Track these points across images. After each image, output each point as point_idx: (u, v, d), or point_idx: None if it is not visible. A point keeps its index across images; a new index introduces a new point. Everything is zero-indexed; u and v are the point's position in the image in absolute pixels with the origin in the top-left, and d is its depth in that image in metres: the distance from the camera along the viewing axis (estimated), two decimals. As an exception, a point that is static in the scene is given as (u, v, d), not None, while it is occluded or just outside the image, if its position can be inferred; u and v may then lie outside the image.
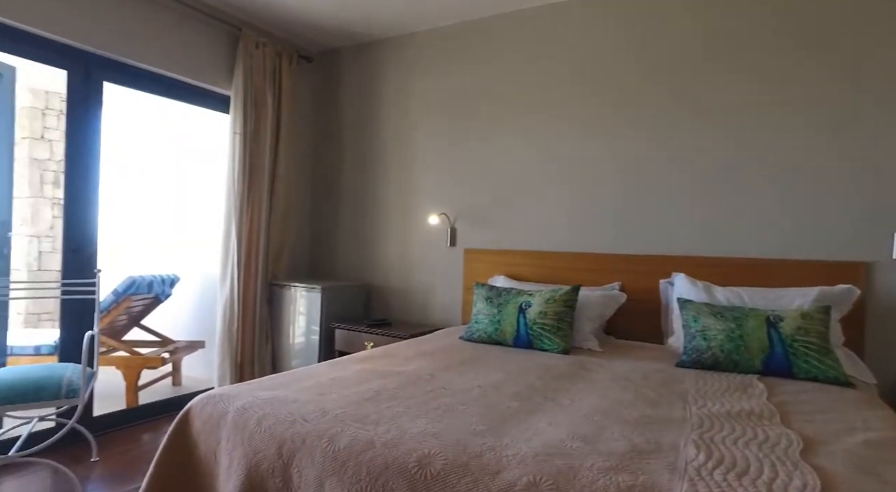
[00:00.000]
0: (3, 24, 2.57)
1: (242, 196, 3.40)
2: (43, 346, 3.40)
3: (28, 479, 2.53)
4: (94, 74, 2.95)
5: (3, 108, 3.04)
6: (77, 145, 2.90)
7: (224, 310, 3.38)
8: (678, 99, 2.84)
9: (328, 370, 2.02)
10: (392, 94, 3.77)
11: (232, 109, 3.41)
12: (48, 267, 4.76)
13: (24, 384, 2.20)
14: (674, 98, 2.85)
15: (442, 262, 3.54)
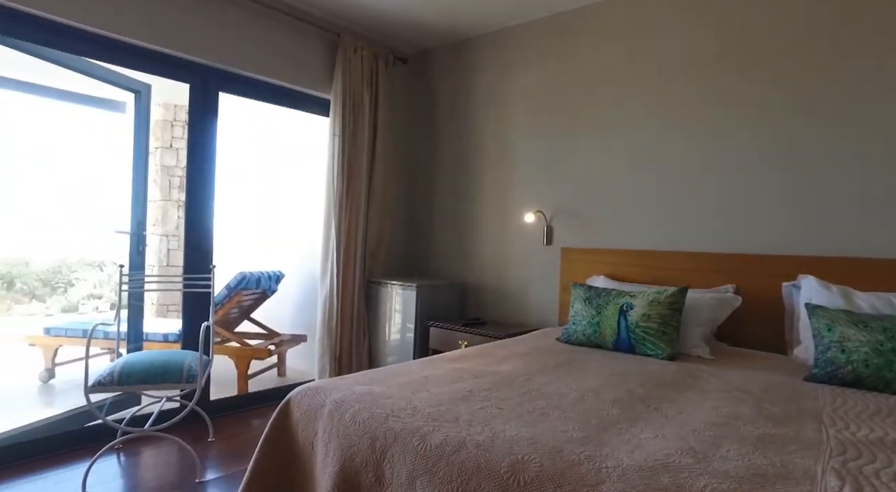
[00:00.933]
0: (138, 46, 2.85)
1: (341, 196, 3.52)
2: (170, 334, 3.75)
3: (159, 451, 2.80)
4: (211, 86, 3.19)
5: (141, 121, 3.38)
6: (197, 152, 3.16)
7: (324, 306, 3.52)
8: (787, 91, 2.54)
9: (422, 368, 2.01)
10: (487, 91, 3.74)
11: (331, 112, 3.55)
12: (175, 263, 5.25)
13: (154, 367, 2.42)
14: (780, 90, 2.55)
15: (538, 261, 3.45)
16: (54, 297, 8.79)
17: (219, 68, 3.17)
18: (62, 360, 4.10)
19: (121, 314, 2.84)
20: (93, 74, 3.05)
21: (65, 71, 2.97)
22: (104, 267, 9.99)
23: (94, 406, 2.36)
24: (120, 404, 3.14)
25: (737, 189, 2.71)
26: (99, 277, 9.36)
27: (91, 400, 2.33)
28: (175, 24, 2.93)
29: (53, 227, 7.94)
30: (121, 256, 3.25)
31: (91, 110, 5.29)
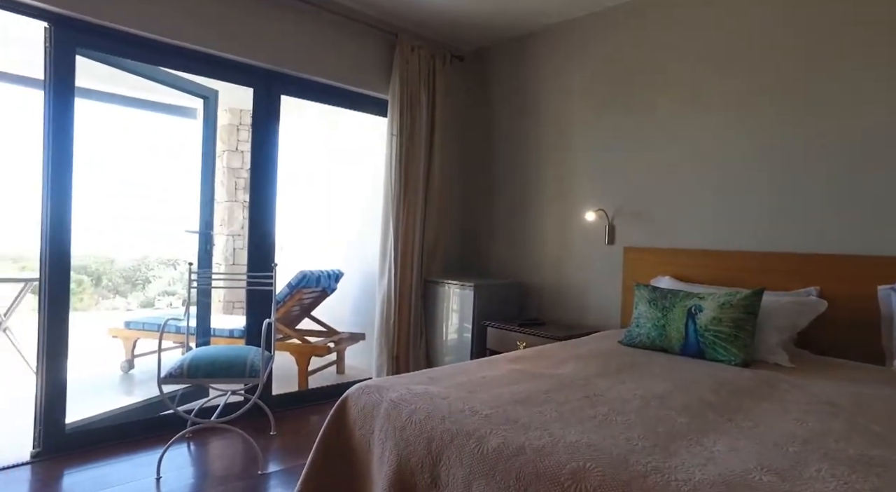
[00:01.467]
0: (207, 53, 2.97)
1: (399, 195, 3.54)
2: (235, 330, 3.89)
3: (224, 442, 2.91)
4: (273, 89, 3.28)
5: (208, 126, 3.53)
6: (260, 154, 3.26)
7: (382, 305, 3.55)
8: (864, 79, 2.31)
9: (479, 368, 1.98)
10: (546, 87, 3.65)
11: (389, 112, 3.57)
12: (241, 262, 5.46)
13: (219, 362, 2.51)
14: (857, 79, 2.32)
15: (599, 260, 3.33)
16: (134, 293, 9.39)
17: (280, 72, 3.26)
18: (140, 352, 4.35)
19: (190, 310, 2.96)
20: (166, 82, 3.20)
21: (141, 81, 3.14)
22: (177, 265, 10.57)
23: (166, 396, 2.47)
24: (190, 396, 3.28)
25: (818, 184, 2.51)
26: (172, 275, 9.91)
27: (163, 391, 2.44)
28: (240, 31, 3.03)
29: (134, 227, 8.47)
30: (192, 255, 3.40)
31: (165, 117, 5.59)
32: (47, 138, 2.59)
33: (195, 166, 3.46)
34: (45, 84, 2.58)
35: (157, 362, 2.43)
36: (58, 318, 2.63)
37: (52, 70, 2.57)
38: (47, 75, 2.58)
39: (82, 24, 2.61)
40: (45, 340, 2.61)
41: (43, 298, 2.62)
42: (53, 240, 2.59)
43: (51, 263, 2.60)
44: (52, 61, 2.57)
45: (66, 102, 2.61)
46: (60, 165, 2.60)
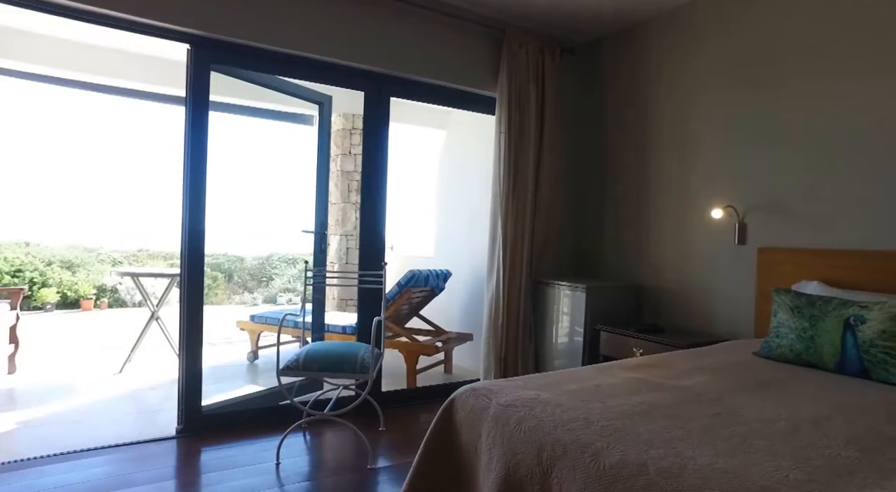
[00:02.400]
0: (321, 60, 3.10)
1: (507, 194, 3.46)
2: (348, 326, 4.04)
3: (336, 434, 3.02)
4: (383, 92, 3.36)
5: (323, 130, 3.70)
6: (370, 155, 3.34)
7: (490, 305, 3.49)
8: None
9: (593, 375, 1.85)
10: (665, 77, 3.39)
11: (497, 109, 3.50)
12: (353, 261, 5.70)
13: (332, 357, 2.60)
14: None
15: (727, 262, 3.01)
16: (259, 289, 10.21)
17: (389, 74, 3.32)
18: (263, 344, 4.68)
19: (306, 307, 3.11)
20: (285, 91, 3.40)
21: (262, 91, 3.35)
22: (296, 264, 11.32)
23: (284, 387, 2.60)
24: (306, 388, 3.45)
25: None
26: (292, 273, 10.64)
27: (281, 382, 2.57)
28: (351, 37, 3.12)
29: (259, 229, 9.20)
30: (309, 255, 3.58)
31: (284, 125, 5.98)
32: (187, 149, 2.84)
33: (312, 170, 3.63)
34: (185, 99, 2.84)
35: (276, 355, 2.57)
36: (194, 311, 2.87)
37: (191, 86, 2.82)
38: (188, 91, 2.83)
39: (216, 43, 2.83)
40: (184, 330, 2.86)
41: (183, 293, 2.88)
42: (191, 241, 2.84)
43: (189, 261, 2.85)
44: (192, 78, 2.82)
45: (202, 115, 2.85)
46: (197, 173, 2.84)
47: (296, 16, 2.97)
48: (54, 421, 3.05)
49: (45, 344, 5.26)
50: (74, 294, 7.88)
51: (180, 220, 2.87)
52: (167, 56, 4.38)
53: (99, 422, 3.04)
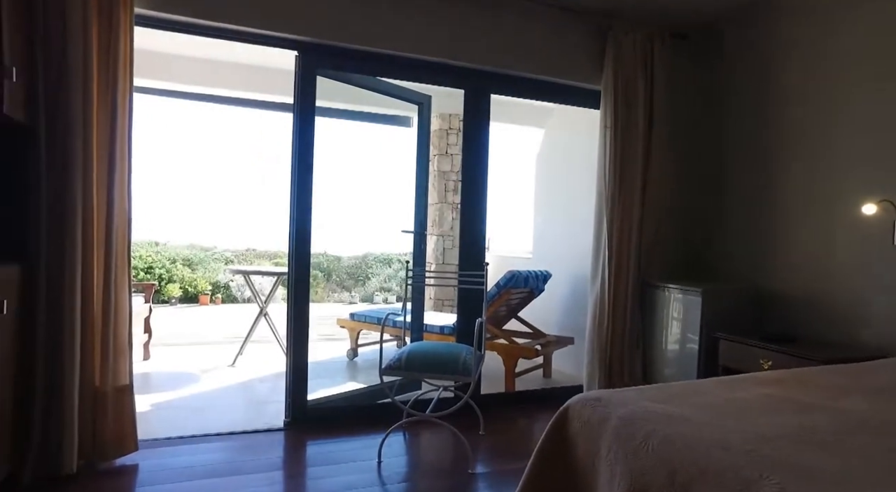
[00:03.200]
0: (421, 60, 3.10)
1: (614, 192, 3.27)
2: (446, 326, 4.02)
3: (436, 436, 3.00)
4: (483, 89, 3.30)
5: (422, 130, 3.71)
6: (470, 154, 3.30)
7: (594, 308, 3.32)
8: None
9: (721, 389, 1.66)
10: (798, 58, 3.04)
11: (602, 103, 3.33)
12: (450, 261, 5.70)
13: (434, 357, 2.57)
14: None
15: (883, 266, 2.62)
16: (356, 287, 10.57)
17: (490, 71, 3.25)
18: (362, 342, 4.79)
19: (407, 306, 3.12)
20: (386, 92, 3.43)
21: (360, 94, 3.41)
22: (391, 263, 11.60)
23: (386, 386, 2.61)
24: (405, 387, 3.47)
25: None
26: (387, 273, 10.91)
27: (384, 380, 2.58)
28: (451, 34, 3.09)
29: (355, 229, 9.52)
30: (405, 255, 3.60)
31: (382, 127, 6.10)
32: (294, 152, 2.94)
33: (409, 171, 3.65)
34: (294, 104, 2.94)
35: (379, 354, 2.58)
36: (301, 308, 2.97)
37: (299, 91, 2.92)
38: (296, 96, 2.93)
39: (322, 48, 2.91)
40: (291, 327, 2.97)
41: (290, 291, 2.99)
42: (298, 241, 2.94)
43: (296, 260, 2.95)
44: (300, 83, 2.92)
45: (309, 119, 2.94)
46: (304, 176, 2.93)
47: (397, 17, 2.98)
48: (180, 406, 3.29)
49: (172, 334, 5.75)
50: (194, 290, 8.60)
51: (288, 220, 2.98)
52: (271, 65, 4.62)
53: (216, 410, 3.24)
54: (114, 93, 2.36)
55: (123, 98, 2.40)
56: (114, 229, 2.37)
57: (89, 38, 2.27)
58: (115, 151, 2.37)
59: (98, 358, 2.37)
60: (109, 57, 2.34)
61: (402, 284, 10.48)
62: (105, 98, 2.35)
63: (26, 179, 2.22)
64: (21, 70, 2.08)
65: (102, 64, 2.34)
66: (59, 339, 2.22)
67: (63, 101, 2.23)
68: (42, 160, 2.22)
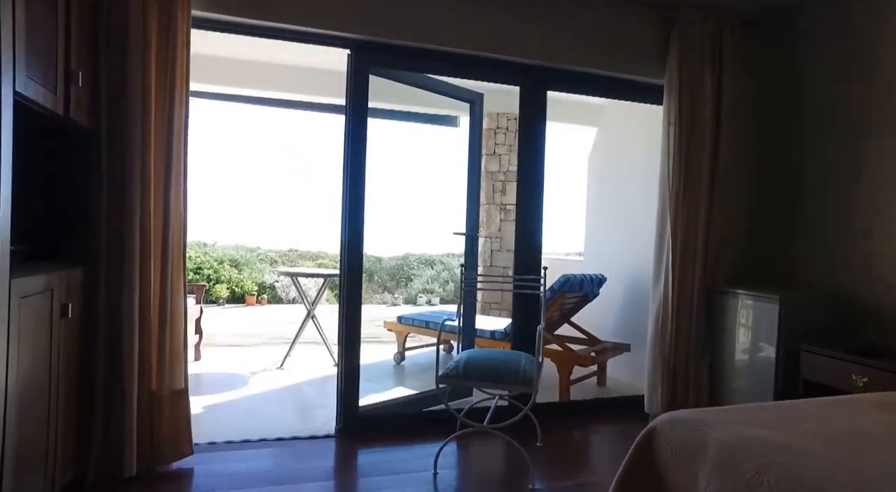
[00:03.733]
0: (475, 56, 2.98)
1: (678, 192, 3.09)
2: (496, 331, 3.90)
3: (491, 447, 2.90)
4: (539, 85, 3.16)
5: (474, 129, 3.60)
6: (527, 153, 3.17)
7: (657, 314, 3.13)
8: None
9: (828, 412, 1.49)
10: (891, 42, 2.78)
11: (665, 98, 3.14)
12: (497, 264, 5.57)
13: (492, 366, 2.46)
14: None
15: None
16: (398, 289, 10.56)
17: (546, 66, 3.12)
18: (410, 345, 4.72)
19: (447, 308, 3.01)
20: (438, 90, 3.34)
21: (406, 94, 3.33)
22: (433, 265, 11.55)
23: (440, 391, 2.51)
24: (455, 393, 3.36)
25: None
26: (430, 274, 10.86)
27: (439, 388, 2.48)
28: (505, 29, 2.97)
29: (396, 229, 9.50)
30: (449, 257, 3.49)
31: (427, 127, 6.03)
32: (347, 152, 2.88)
33: (454, 171, 3.55)
34: (346, 105, 2.88)
35: (436, 361, 2.48)
36: (353, 310, 2.91)
37: (352, 92, 2.85)
38: (348, 97, 2.87)
39: (374, 46, 2.84)
40: (343, 330, 2.91)
41: (342, 294, 2.93)
42: (350, 243, 2.88)
43: (348, 262, 2.89)
44: (352, 83, 2.85)
45: (362, 119, 2.87)
46: (356, 178, 2.87)
47: (450, 12, 2.88)
48: (231, 409, 3.28)
49: (221, 335, 5.82)
50: (240, 290, 8.73)
51: (339, 221, 2.92)
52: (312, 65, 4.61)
53: (266, 414, 3.22)
54: (171, 96, 2.35)
55: (180, 101, 2.38)
56: (170, 232, 2.36)
57: (149, 41, 2.26)
58: (171, 154, 2.36)
59: (155, 362, 2.35)
60: (168, 60, 2.33)
61: (444, 286, 10.44)
62: (162, 101, 2.34)
63: (88, 183, 2.22)
64: (86, 74, 2.08)
65: (161, 67, 2.32)
66: (118, 341, 2.22)
67: (123, 104, 2.23)
68: (103, 164, 2.22)
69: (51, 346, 1.83)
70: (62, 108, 1.91)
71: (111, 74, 2.22)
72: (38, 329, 1.74)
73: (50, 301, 1.80)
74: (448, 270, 10.49)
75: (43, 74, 1.76)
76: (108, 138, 2.22)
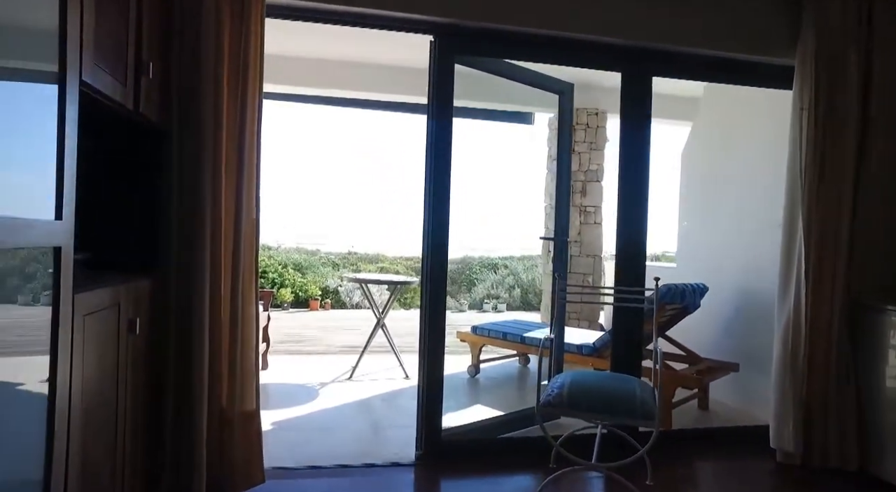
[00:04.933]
0: (569, 38, 2.64)
1: (813, 187, 2.63)
2: (584, 346, 3.53)
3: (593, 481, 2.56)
4: (642, 71, 2.79)
5: (564, 122, 3.27)
6: (630, 149, 2.80)
7: (785, 333, 2.68)
8: None
9: None
10: None
11: (796, 80, 2.69)
12: (576, 271, 5.18)
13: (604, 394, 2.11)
14: None
15: None
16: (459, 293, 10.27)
17: (652, 49, 2.74)
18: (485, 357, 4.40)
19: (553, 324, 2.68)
20: (524, 80, 3.02)
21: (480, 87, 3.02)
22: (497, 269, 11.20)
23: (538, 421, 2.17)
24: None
25: None
26: (494, 279, 10.51)
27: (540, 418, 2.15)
28: (606, 7, 2.61)
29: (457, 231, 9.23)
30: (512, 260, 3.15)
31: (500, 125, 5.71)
32: (430, 151, 2.60)
33: (527, 170, 3.26)
34: (428, 98, 2.60)
35: (537, 388, 2.15)
36: (436, 321, 2.63)
37: (435, 83, 2.57)
38: (431, 89, 2.59)
39: (459, 30, 2.56)
40: (426, 342, 2.63)
41: (424, 302, 2.65)
42: (434, 246, 2.60)
43: (431, 266, 2.61)
44: (436, 72, 2.57)
45: (446, 112, 2.58)
46: (441, 177, 2.59)
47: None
48: (301, 426, 3.07)
49: (287, 340, 5.72)
50: (304, 294, 8.69)
51: (422, 223, 2.65)
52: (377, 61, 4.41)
53: (338, 433, 2.98)
54: (244, 90, 2.15)
55: (253, 95, 2.18)
56: (241, 239, 2.15)
57: (222, 34, 2.06)
58: (243, 155, 2.15)
59: (225, 379, 2.15)
60: (240, 53, 2.13)
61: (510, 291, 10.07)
62: (234, 97, 2.14)
63: (157, 184, 2.04)
64: (157, 66, 1.90)
65: (233, 60, 2.12)
66: (188, 358, 2.02)
67: (195, 101, 2.03)
68: (174, 165, 2.03)
69: (118, 365, 1.63)
70: (132, 101, 1.72)
71: (183, 67, 2.03)
72: (105, 349, 1.55)
73: (117, 316, 1.61)
74: (513, 275, 10.11)
75: (112, 64, 1.57)
76: (180, 137, 2.03)
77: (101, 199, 1.89)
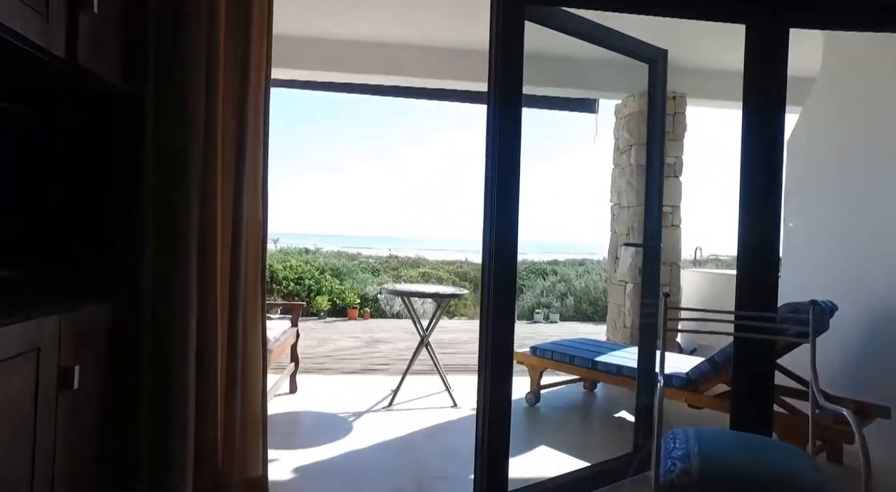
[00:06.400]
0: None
1: None
2: (675, 376, 2.85)
3: None
4: (777, 21, 2.09)
5: (655, 99, 2.62)
6: (757, 126, 2.11)
7: None
8: None
9: None
10: None
11: None
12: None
13: (752, 478, 1.44)
14: None
15: None
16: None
17: (788, -8, 2.05)
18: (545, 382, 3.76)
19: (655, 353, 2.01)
20: (609, 44, 2.39)
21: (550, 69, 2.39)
22: (546, 275, 10.46)
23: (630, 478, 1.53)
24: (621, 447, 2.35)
25: None
26: (543, 286, 9.78)
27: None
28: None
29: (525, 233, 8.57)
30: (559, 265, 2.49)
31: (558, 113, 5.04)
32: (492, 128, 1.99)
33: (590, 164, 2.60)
34: (490, 65, 1.98)
35: (653, 453, 1.50)
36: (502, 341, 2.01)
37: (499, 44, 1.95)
38: (493, 44, 1.97)
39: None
40: (487, 368, 2.01)
41: (485, 317, 2.02)
42: (498, 251, 1.98)
43: (495, 270, 1.99)
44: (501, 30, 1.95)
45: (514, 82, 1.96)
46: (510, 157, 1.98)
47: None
48: (329, 473, 2.50)
49: (319, 357, 5.22)
50: (342, 302, 8.20)
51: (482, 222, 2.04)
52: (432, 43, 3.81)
53: (374, 485, 2.39)
54: (246, 51, 1.60)
55: (259, 61, 1.63)
56: (242, 245, 1.58)
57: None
58: (244, 145, 1.59)
59: (220, 438, 1.59)
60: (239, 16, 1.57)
61: (562, 299, 9.31)
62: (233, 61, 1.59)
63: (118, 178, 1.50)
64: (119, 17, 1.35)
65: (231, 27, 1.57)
66: (164, 418, 1.47)
67: (177, 59, 1.48)
68: (147, 142, 1.49)
69: (35, 440, 1.08)
70: (62, 46, 1.17)
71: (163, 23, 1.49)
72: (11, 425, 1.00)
73: (34, 368, 1.06)
74: (564, 282, 9.35)
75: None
76: (155, 106, 1.49)
77: (42, 195, 1.37)
